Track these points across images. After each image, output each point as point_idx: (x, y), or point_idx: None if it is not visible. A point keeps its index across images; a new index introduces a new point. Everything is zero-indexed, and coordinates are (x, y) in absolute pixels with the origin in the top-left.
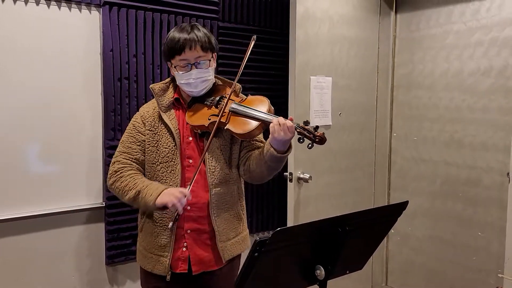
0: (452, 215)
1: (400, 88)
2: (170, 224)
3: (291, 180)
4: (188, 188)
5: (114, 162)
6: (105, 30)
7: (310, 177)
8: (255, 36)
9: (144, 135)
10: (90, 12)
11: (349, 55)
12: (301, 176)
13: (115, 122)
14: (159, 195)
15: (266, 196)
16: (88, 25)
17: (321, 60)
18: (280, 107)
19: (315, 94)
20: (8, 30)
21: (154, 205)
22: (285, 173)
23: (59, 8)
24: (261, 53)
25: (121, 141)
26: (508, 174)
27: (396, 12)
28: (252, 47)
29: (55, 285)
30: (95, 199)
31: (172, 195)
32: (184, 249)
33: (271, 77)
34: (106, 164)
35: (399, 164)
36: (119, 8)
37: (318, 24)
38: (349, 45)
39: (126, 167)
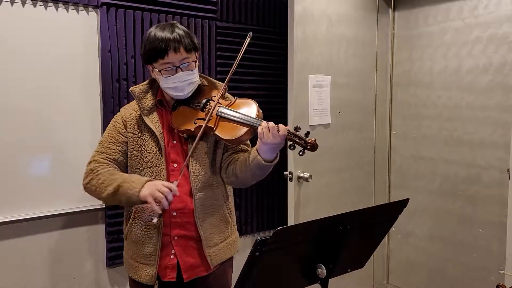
0: (452, 213)
1: (399, 86)
2: (155, 219)
3: (291, 179)
4: (174, 182)
5: (91, 161)
6: (103, 31)
7: (310, 176)
8: (251, 33)
9: (126, 137)
10: (87, 13)
11: (348, 53)
12: (301, 175)
13: None
14: (142, 186)
15: (266, 196)
16: (85, 26)
17: (319, 59)
18: (280, 106)
19: (314, 92)
20: (6, 31)
21: (138, 199)
22: (285, 172)
23: (57, 9)
24: (260, 53)
25: (100, 141)
26: (508, 170)
27: (394, 10)
28: (248, 46)
29: (56, 287)
30: (95, 201)
31: (157, 190)
32: (172, 256)
33: (270, 76)
34: None
35: (399, 162)
36: (117, 8)
37: (316, 23)
38: (348, 44)
39: (102, 165)
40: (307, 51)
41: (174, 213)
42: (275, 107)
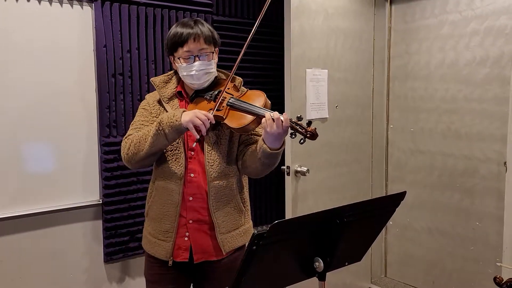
0: (450, 206)
1: (396, 80)
2: (194, 144)
3: (288, 174)
4: (211, 112)
5: (126, 137)
6: (97, 25)
7: (308, 170)
8: None
9: (153, 117)
10: (82, 8)
11: (345, 47)
12: (299, 169)
13: (110, 118)
14: (182, 114)
15: (264, 190)
16: (80, 21)
17: (316, 53)
18: (277, 101)
19: (311, 87)
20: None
21: (180, 125)
22: (282, 167)
23: (50, 4)
24: (257, 47)
25: (132, 123)
26: (505, 163)
27: (391, 3)
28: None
29: (53, 283)
30: (92, 197)
31: (196, 117)
32: (186, 238)
33: (267, 70)
34: (102, 161)
35: (396, 156)
36: (112, 3)
37: (313, 16)
38: (345, 37)
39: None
40: (304, 44)
41: (190, 198)
42: (272, 102)
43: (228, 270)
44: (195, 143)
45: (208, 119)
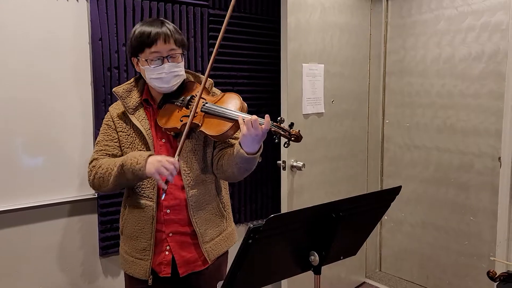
0: (445, 201)
1: (392, 75)
2: (163, 195)
3: (284, 168)
4: (176, 158)
5: (91, 161)
6: (93, 18)
7: (304, 165)
8: None
9: (117, 133)
10: (77, 1)
11: (341, 42)
12: (294, 164)
13: (105, 112)
14: (146, 161)
15: (260, 185)
16: (75, 14)
17: (313, 47)
18: (273, 95)
19: (308, 81)
20: None
21: (144, 174)
22: (278, 161)
23: None
24: (253, 41)
25: (96, 142)
26: (499, 158)
27: None
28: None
29: (49, 278)
30: (87, 191)
31: (162, 166)
32: (166, 252)
33: (263, 65)
34: None
35: (392, 151)
36: None
37: (310, 11)
38: (341, 32)
39: (103, 159)
40: (300, 39)
41: (168, 211)
42: (268, 96)
43: (214, 277)
44: (164, 195)
45: (175, 167)
